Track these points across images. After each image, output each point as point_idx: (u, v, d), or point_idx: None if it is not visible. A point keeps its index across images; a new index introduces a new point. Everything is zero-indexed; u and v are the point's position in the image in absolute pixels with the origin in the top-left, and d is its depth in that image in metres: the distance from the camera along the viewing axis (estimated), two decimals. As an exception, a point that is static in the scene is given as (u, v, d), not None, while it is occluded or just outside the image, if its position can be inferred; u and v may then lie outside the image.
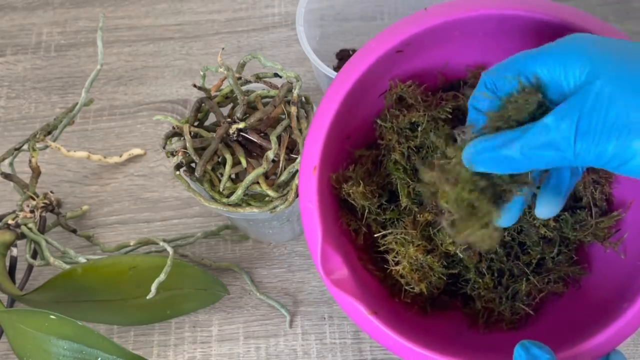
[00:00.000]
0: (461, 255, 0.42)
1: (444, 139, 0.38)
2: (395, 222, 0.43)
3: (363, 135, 0.45)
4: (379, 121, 0.44)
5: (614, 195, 0.44)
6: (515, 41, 0.41)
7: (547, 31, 0.39)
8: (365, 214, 0.43)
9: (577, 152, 0.28)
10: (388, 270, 0.43)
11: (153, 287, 0.44)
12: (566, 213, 0.43)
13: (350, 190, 0.42)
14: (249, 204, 0.45)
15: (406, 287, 0.42)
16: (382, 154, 0.44)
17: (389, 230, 0.42)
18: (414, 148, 0.42)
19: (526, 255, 0.44)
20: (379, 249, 0.43)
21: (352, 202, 0.42)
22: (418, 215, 0.42)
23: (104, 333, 0.51)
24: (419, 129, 0.42)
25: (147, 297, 0.44)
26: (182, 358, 0.52)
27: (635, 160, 0.27)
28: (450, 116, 0.43)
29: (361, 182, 0.42)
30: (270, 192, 0.44)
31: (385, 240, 0.42)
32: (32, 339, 0.43)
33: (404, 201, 0.42)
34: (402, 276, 0.42)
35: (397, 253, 0.42)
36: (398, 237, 0.41)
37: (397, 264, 0.42)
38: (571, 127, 0.27)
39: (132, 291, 0.47)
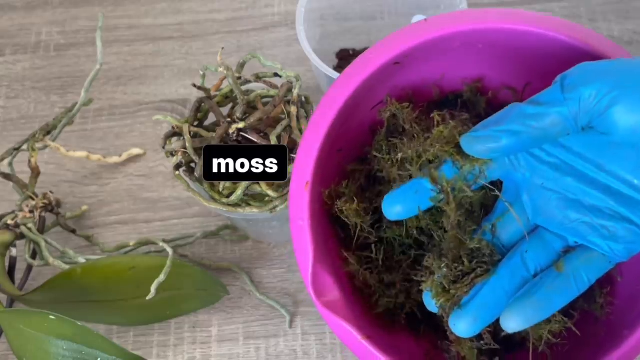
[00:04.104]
0: None
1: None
2: (392, 241, 0.42)
3: (355, 147, 0.44)
4: (375, 153, 0.42)
5: None
6: (515, 55, 0.41)
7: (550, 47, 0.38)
8: (357, 231, 0.41)
9: (570, 111, 0.31)
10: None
11: (153, 288, 0.44)
12: None
13: (344, 207, 0.40)
14: (249, 204, 0.45)
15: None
16: (376, 170, 0.43)
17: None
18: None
19: None
20: (370, 267, 0.42)
21: (345, 219, 0.41)
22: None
23: (104, 333, 0.50)
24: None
25: (147, 298, 0.44)
26: (182, 358, 0.52)
27: (612, 109, 0.29)
28: None
29: (355, 198, 0.40)
30: (270, 192, 0.44)
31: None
32: (32, 339, 0.43)
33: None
34: None
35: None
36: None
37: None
38: (557, 89, 0.31)
39: (131, 291, 0.47)
